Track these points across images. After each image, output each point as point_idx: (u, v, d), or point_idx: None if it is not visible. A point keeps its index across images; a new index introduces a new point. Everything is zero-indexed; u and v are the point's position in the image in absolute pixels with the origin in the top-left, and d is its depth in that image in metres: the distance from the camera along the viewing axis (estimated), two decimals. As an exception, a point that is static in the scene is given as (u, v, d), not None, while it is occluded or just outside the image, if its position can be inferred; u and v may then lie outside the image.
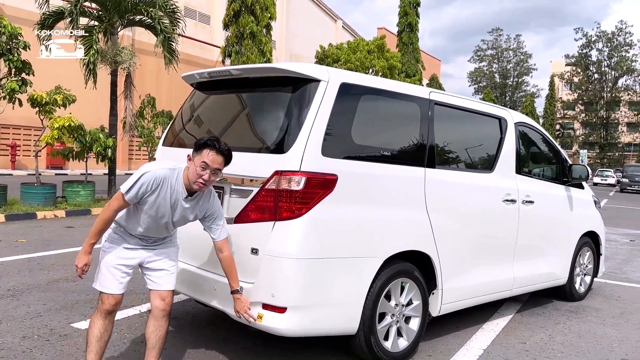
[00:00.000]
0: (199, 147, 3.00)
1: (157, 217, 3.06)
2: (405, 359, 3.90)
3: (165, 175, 3.00)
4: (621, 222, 15.81)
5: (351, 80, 3.67)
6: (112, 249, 3.13)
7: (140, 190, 2.95)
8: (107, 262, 3.12)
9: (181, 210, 3.10)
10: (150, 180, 2.95)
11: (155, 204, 3.01)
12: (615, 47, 75.05)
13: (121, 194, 2.95)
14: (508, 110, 5.17)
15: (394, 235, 3.74)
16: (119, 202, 2.97)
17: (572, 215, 5.69)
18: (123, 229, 3.15)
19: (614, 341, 4.72)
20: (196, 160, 2.98)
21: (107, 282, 3.11)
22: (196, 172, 2.97)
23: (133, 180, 2.95)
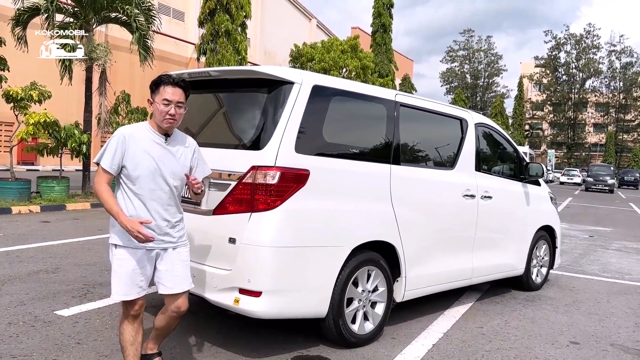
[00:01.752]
0: (155, 85, 2.99)
1: (147, 177, 2.95)
2: (370, 340, 4.22)
3: (132, 130, 2.99)
4: (583, 219, 16.47)
5: (323, 83, 3.97)
6: (124, 254, 2.99)
7: (113, 152, 2.91)
8: (123, 269, 2.98)
9: (166, 160, 3.01)
10: (116, 139, 2.93)
11: (135, 160, 2.93)
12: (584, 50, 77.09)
13: (99, 166, 2.93)
14: (469, 112, 5.54)
15: (361, 226, 4.05)
16: (101, 175, 2.93)
17: (528, 210, 6.10)
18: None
19: (564, 326, 5.12)
20: (157, 100, 2.96)
21: (127, 289, 2.98)
22: (160, 111, 2.94)
23: (103, 148, 2.95)
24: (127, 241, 2.96)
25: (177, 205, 3.13)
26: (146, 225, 2.92)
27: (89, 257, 6.71)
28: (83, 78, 13.60)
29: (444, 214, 4.91)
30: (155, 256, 3.08)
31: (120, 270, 2.98)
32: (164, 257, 3.09)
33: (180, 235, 3.16)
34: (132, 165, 2.93)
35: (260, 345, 4.04)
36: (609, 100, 76.75)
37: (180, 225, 3.17)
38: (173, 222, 3.10)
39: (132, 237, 2.89)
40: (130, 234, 2.85)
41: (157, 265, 3.09)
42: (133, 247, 2.98)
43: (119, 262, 2.98)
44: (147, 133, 3.00)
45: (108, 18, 13.30)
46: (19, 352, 3.68)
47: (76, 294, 5.13)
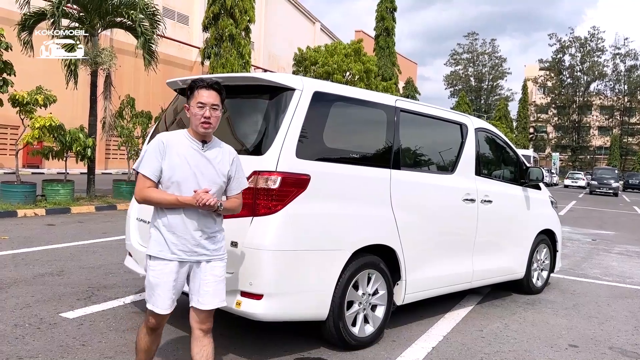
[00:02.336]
0: (190, 90, 2.96)
1: (182, 184, 2.87)
2: (371, 343, 4.27)
3: (169, 136, 2.95)
4: (586, 222, 16.47)
5: (323, 89, 4.04)
6: (157, 266, 2.92)
7: (152, 158, 2.88)
8: (157, 281, 2.92)
9: (203, 167, 2.92)
10: (155, 145, 2.90)
11: (172, 166, 2.87)
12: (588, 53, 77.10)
13: (139, 173, 2.89)
14: (469, 117, 5.59)
15: (361, 230, 4.11)
16: (142, 181, 2.88)
17: (529, 214, 6.14)
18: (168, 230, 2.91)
19: (564, 329, 5.16)
20: (192, 104, 2.93)
21: (159, 300, 2.92)
22: (195, 114, 2.90)
23: (142, 155, 2.94)
24: (160, 252, 2.91)
25: (213, 216, 3.00)
26: (181, 236, 2.89)
27: (94, 260, 6.79)
28: (87, 82, 13.72)
29: (444, 218, 4.96)
30: (188, 269, 2.97)
31: (154, 282, 2.92)
32: (196, 271, 2.98)
33: (217, 248, 3.01)
34: (168, 171, 2.88)
35: (262, 348, 4.10)
36: (613, 103, 76.71)
37: (217, 237, 3.03)
38: (209, 232, 2.97)
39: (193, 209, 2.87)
40: (199, 207, 2.83)
41: (190, 278, 3.00)
42: (167, 259, 2.91)
43: (154, 274, 2.92)
44: (185, 139, 2.94)
45: (113, 23, 13.42)
46: (25, 353, 3.75)
47: (81, 296, 5.20)
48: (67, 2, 12.02)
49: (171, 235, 2.91)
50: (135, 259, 4.56)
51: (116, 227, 9.59)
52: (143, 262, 4.40)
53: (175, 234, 2.90)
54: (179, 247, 2.91)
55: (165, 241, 2.91)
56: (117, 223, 10.18)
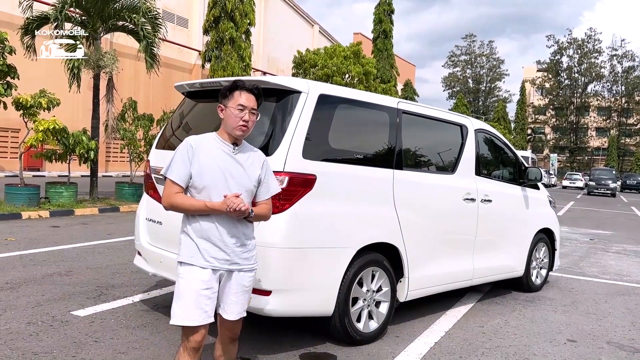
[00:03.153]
0: (230, 91, 2.85)
1: (213, 188, 2.77)
2: (375, 339, 4.39)
3: (199, 138, 2.84)
4: (584, 222, 16.61)
5: (328, 92, 4.17)
6: (189, 272, 2.78)
7: (181, 163, 2.77)
8: (188, 288, 2.75)
9: (234, 170, 2.82)
10: (184, 148, 2.79)
11: (202, 169, 2.77)
12: (585, 54, 77.38)
13: (167, 179, 2.78)
14: (469, 118, 5.73)
15: (365, 229, 4.24)
16: (170, 187, 2.77)
17: (528, 213, 6.27)
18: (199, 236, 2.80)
19: (562, 325, 5.29)
20: (230, 105, 2.82)
21: (189, 312, 2.72)
22: (235, 116, 2.79)
23: (169, 160, 2.80)
24: (191, 258, 2.78)
25: (246, 222, 2.89)
26: (213, 243, 2.78)
27: (100, 261, 6.90)
28: (89, 85, 13.83)
29: (445, 217, 5.09)
30: (219, 277, 2.83)
31: (184, 290, 2.75)
32: (227, 280, 2.86)
33: (249, 257, 2.91)
34: (198, 175, 2.77)
35: (270, 343, 4.22)
36: (611, 104, 76.97)
37: (249, 245, 2.91)
38: (243, 239, 2.86)
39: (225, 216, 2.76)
40: (229, 213, 2.71)
41: (220, 286, 2.86)
42: (200, 266, 2.77)
43: (184, 281, 2.76)
44: (214, 142, 2.84)
45: (115, 26, 13.53)
46: (40, 349, 3.86)
47: (90, 295, 5.31)
48: (69, 6, 12.14)
49: (204, 242, 2.78)
50: (145, 258, 4.68)
51: (120, 229, 9.70)
52: (152, 261, 4.55)
53: (208, 241, 2.78)
54: (211, 255, 2.77)
55: (197, 248, 2.77)
56: (121, 225, 10.30)
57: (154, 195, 4.71)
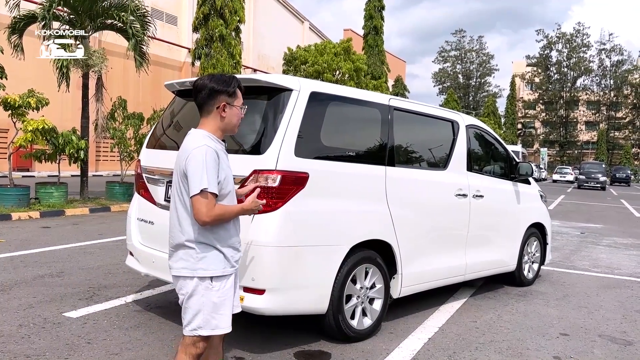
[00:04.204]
0: (236, 89, 2.80)
1: (233, 191, 2.78)
2: (369, 335, 4.40)
3: (214, 144, 2.68)
4: (575, 216, 16.72)
5: (320, 89, 4.16)
6: (223, 284, 2.71)
7: (215, 172, 2.62)
8: (222, 298, 2.70)
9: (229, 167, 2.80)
10: (212, 157, 2.61)
11: (227, 175, 2.73)
12: (574, 48, 77.76)
13: (208, 193, 2.56)
14: (460, 114, 5.74)
15: (358, 226, 4.24)
16: (211, 201, 2.59)
17: (519, 208, 6.30)
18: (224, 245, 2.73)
19: (555, 319, 5.32)
20: (236, 104, 2.79)
21: (224, 319, 2.71)
22: (238, 115, 2.82)
23: (202, 172, 2.56)
24: (223, 269, 2.70)
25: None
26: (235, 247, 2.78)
27: (92, 261, 6.86)
28: (78, 84, 13.72)
29: (438, 213, 5.10)
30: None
31: (220, 301, 2.69)
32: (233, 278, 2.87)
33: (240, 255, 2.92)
34: (224, 182, 2.69)
35: (264, 342, 4.21)
36: (600, 98, 77.45)
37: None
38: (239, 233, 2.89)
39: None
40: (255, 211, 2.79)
41: None
42: (229, 274, 2.74)
43: (222, 292, 2.69)
44: (218, 144, 2.73)
45: (104, 25, 13.42)
46: (32, 352, 3.83)
47: (82, 296, 5.28)
48: (57, 4, 12.02)
49: (230, 249, 2.74)
50: (137, 258, 4.66)
51: (111, 229, 9.65)
52: (144, 261, 4.53)
53: (232, 247, 2.76)
54: (235, 259, 2.78)
55: (224, 256, 2.71)
56: (112, 224, 10.24)
57: (145, 194, 4.69)
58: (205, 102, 2.75)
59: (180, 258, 2.70)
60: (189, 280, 2.66)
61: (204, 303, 2.66)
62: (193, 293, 2.66)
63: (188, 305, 2.68)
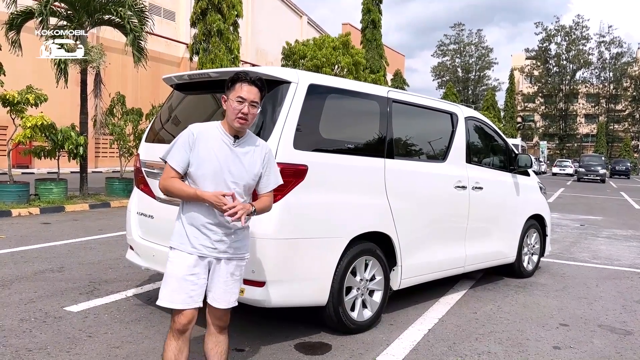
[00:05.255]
0: (231, 83, 2.85)
1: (209, 178, 2.80)
2: (369, 327, 4.42)
3: (202, 127, 2.85)
4: (575, 208, 16.74)
5: (318, 82, 4.16)
6: (176, 257, 2.85)
7: (181, 149, 2.80)
8: (174, 272, 2.83)
9: (231, 162, 2.83)
10: (185, 135, 2.82)
11: (200, 158, 2.80)
12: (573, 41, 77.55)
13: (167, 163, 2.83)
14: (459, 106, 5.74)
15: (358, 218, 4.24)
16: (168, 171, 2.81)
17: (518, 199, 6.31)
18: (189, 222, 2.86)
19: (554, 310, 5.33)
20: (231, 97, 2.81)
21: (173, 296, 2.81)
22: (233, 108, 2.79)
23: (171, 144, 2.85)
24: (180, 244, 2.85)
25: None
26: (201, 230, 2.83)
27: (92, 256, 6.87)
28: (77, 80, 13.70)
29: (437, 205, 5.11)
30: (208, 265, 2.87)
31: (171, 273, 2.83)
32: (216, 268, 2.89)
33: (239, 247, 2.94)
34: (196, 164, 2.80)
35: (264, 334, 4.23)
36: (599, 91, 77.34)
37: (240, 235, 2.94)
38: (233, 229, 2.88)
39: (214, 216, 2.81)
40: (216, 207, 2.73)
41: (210, 275, 2.90)
42: (186, 252, 2.83)
43: (171, 266, 2.84)
44: (217, 132, 2.85)
45: (101, 20, 13.39)
46: (34, 345, 3.84)
47: (83, 291, 5.29)
48: (54, 0, 11.98)
49: (193, 229, 2.83)
50: (137, 252, 4.66)
51: (111, 224, 9.66)
52: (145, 255, 4.54)
53: (197, 228, 2.83)
54: (200, 242, 2.82)
55: (186, 234, 2.83)
56: (112, 220, 10.25)
57: (144, 189, 4.69)
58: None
59: None
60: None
61: (165, 272, 2.88)
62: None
63: None
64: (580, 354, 4.17)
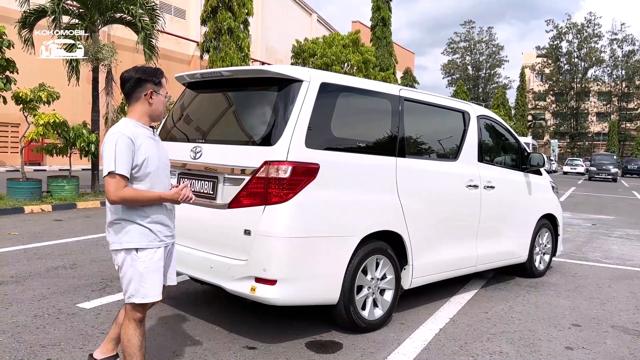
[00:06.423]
0: (160, 80, 3.00)
1: (156, 172, 2.96)
2: (380, 326, 4.41)
3: (129, 129, 2.89)
4: (586, 208, 16.61)
5: (330, 80, 4.16)
6: (149, 255, 2.94)
7: (126, 156, 2.82)
8: (151, 268, 2.93)
9: (161, 152, 3.05)
10: (124, 142, 2.82)
11: (144, 157, 2.90)
12: (585, 39, 76.81)
13: (114, 174, 2.78)
14: (471, 105, 5.71)
15: (369, 217, 4.24)
16: (120, 182, 2.79)
17: (530, 199, 6.27)
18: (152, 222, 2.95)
19: (566, 310, 5.30)
20: (162, 92, 3.01)
21: (154, 288, 2.95)
22: (164, 103, 3.04)
23: (111, 156, 2.78)
24: (149, 243, 2.93)
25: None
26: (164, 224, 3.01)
27: (104, 253, 6.91)
28: (88, 78, 13.79)
29: (449, 204, 5.09)
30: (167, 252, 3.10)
31: (148, 271, 2.92)
32: (170, 252, 3.13)
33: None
34: (143, 163, 2.88)
35: (276, 332, 4.24)
36: (611, 89, 76.58)
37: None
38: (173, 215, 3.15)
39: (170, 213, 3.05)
40: (177, 201, 2.97)
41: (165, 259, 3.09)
42: (156, 247, 2.95)
43: (147, 264, 2.92)
44: (140, 129, 2.94)
45: (113, 19, 13.47)
46: (48, 341, 3.88)
47: (95, 287, 5.33)
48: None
49: (157, 225, 2.97)
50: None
51: (123, 221, 9.69)
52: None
53: (160, 224, 2.98)
54: (164, 234, 3.01)
55: (150, 231, 2.93)
56: (123, 217, 10.28)
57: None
58: (132, 90, 2.96)
59: (111, 234, 2.98)
60: (119, 252, 2.96)
61: (132, 273, 2.93)
62: (122, 264, 2.95)
63: (121, 275, 2.99)
64: (593, 354, 4.14)
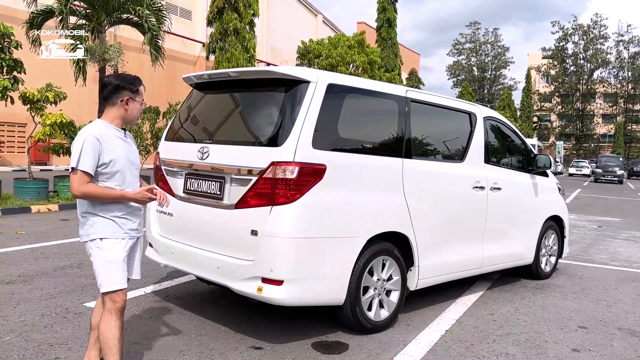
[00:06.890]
0: (136, 87, 3.17)
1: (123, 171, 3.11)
2: (386, 327, 4.42)
3: (97, 129, 3.05)
4: (592, 209, 16.56)
5: (337, 81, 4.17)
6: (113, 244, 3.07)
7: (91, 154, 2.97)
8: (114, 258, 3.06)
9: (130, 152, 3.19)
10: (90, 141, 2.98)
11: (111, 156, 3.04)
12: (591, 40, 76.47)
13: (76, 170, 2.95)
14: (477, 106, 5.71)
15: (375, 218, 4.24)
16: (82, 177, 2.96)
17: (537, 200, 6.26)
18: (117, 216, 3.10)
19: (573, 312, 5.29)
20: (138, 99, 3.18)
21: (119, 277, 3.08)
22: (139, 109, 3.21)
23: (76, 154, 2.97)
24: (112, 233, 3.07)
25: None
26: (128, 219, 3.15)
27: (111, 253, 6.92)
28: (95, 78, 13.86)
29: (455, 206, 5.09)
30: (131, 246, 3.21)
31: (112, 260, 3.05)
32: (135, 246, 3.27)
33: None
34: (110, 162, 3.03)
35: (282, 332, 4.25)
36: (617, 90, 76.23)
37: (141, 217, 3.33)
38: (141, 213, 3.28)
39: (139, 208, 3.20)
40: (143, 202, 3.15)
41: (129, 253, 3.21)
42: (120, 238, 3.09)
43: (110, 253, 3.05)
44: (109, 130, 3.10)
45: (120, 19, 13.54)
46: (55, 340, 3.90)
47: (102, 287, 5.34)
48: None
49: (122, 219, 3.12)
50: (156, 249, 4.70)
51: (129, 221, 9.73)
52: (164, 252, 4.58)
53: (124, 218, 3.13)
54: (129, 227, 3.15)
55: (115, 224, 3.09)
56: (129, 217, 10.32)
57: (163, 187, 4.72)
58: (110, 95, 3.14)
59: (80, 227, 3.14)
60: (87, 243, 3.11)
61: (99, 262, 3.07)
62: (91, 254, 3.10)
63: (94, 267, 3.12)
64: (599, 357, 4.14)
